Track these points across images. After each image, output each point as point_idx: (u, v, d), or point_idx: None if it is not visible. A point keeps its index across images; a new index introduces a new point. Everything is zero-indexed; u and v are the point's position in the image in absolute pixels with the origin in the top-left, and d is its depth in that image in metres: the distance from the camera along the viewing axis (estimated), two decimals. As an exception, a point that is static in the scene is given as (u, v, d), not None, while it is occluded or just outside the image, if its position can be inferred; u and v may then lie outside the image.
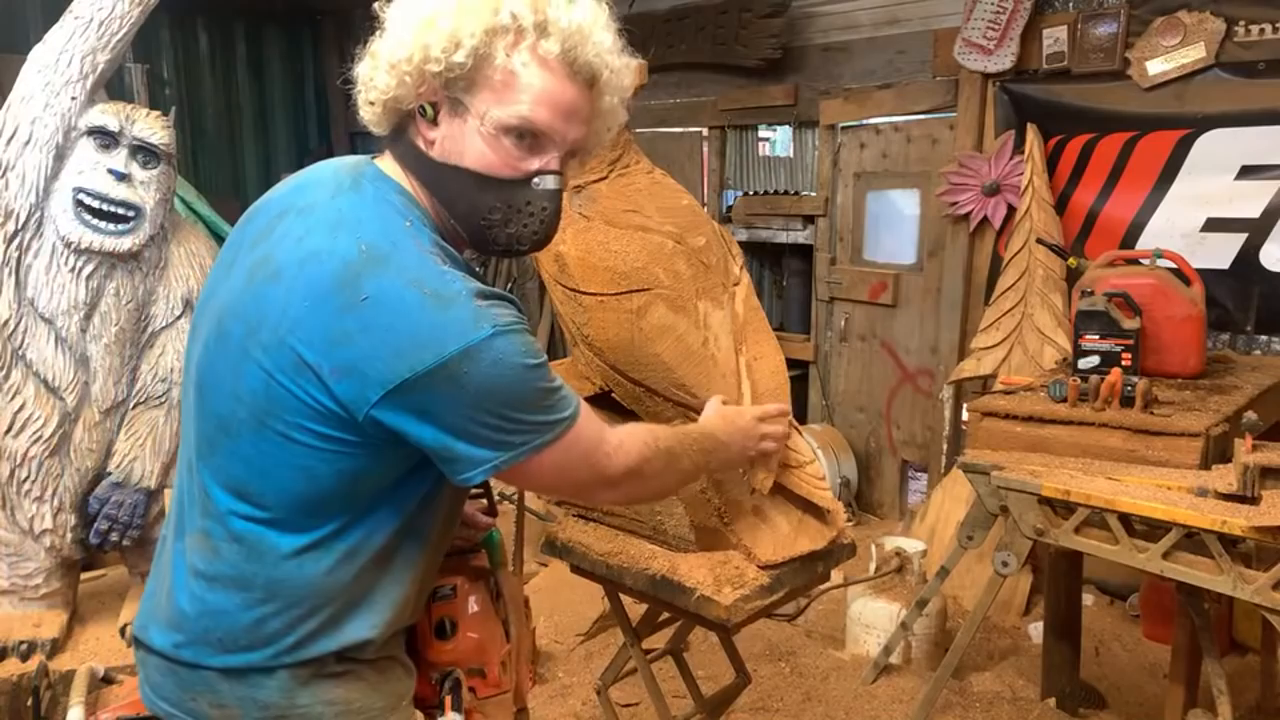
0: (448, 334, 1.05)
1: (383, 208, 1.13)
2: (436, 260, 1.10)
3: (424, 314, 1.05)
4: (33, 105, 2.35)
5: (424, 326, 1.05)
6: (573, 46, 1.14)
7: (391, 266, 1.06)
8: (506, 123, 1.12)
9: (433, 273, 1.08)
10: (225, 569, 1.16)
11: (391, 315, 1.05)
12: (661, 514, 1.84)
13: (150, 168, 2.45)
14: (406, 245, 1.09)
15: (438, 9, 1.11)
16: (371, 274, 1.05)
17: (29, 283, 2.41)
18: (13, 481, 2.48)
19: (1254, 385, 2.81)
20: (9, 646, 2.50)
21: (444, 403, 1.07)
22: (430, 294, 1.06)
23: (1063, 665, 2.99)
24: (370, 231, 1.09)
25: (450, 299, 1.06)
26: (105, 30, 2.37)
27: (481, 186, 1.15)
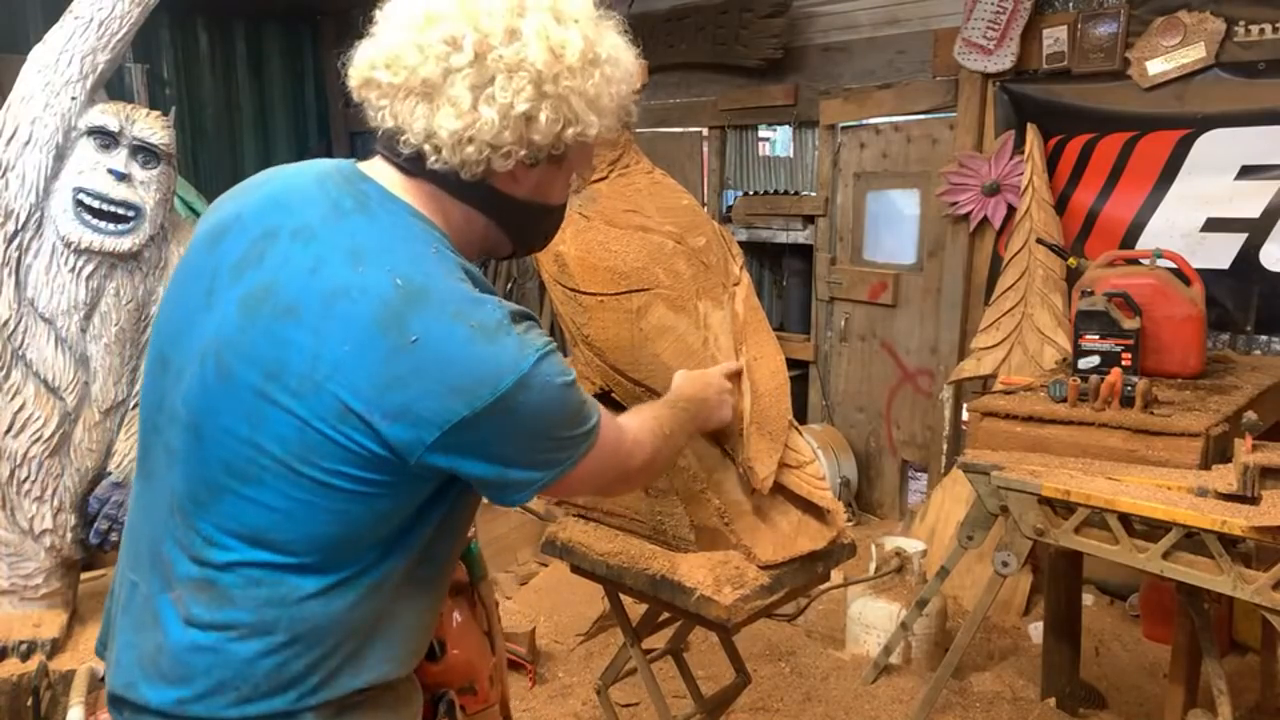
0: (501, 367, 1.03)
1: (404, 232, 1.08)
2: (469, 287, 1.06)
3: (475, 348, 1.02)
4: (33, 105, 2.36)
5: (477, 362, 1.02)
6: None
7: (433, 302, 1.02)
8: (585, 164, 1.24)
9: (470, 302, 1.05)
10: (242, 616, 1.09)
11: (443, 354, 1.01)
12: (661, 514, 1.84)
13: (150, 168, 2.45)
14: (439, 275, 1.05)
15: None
16: (415, 312, 1.01)
17: (29, 283, 2.41)
18: (13, 481, 2.48)
19: (1254, 385, 2.81)
20: (9, 646, 2.50)
21: (500, 434, 1.05)
22: (476, 327, 1.03)
23: (1063, 665, 2.99)
24: (399, 262, 1.04)
25: (494, 329, 1.04)
26: (105, 30, 2.37)
27: (552, 214, 1.23)
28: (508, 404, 1.03)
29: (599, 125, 1.11)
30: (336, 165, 1.16)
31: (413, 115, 1.05)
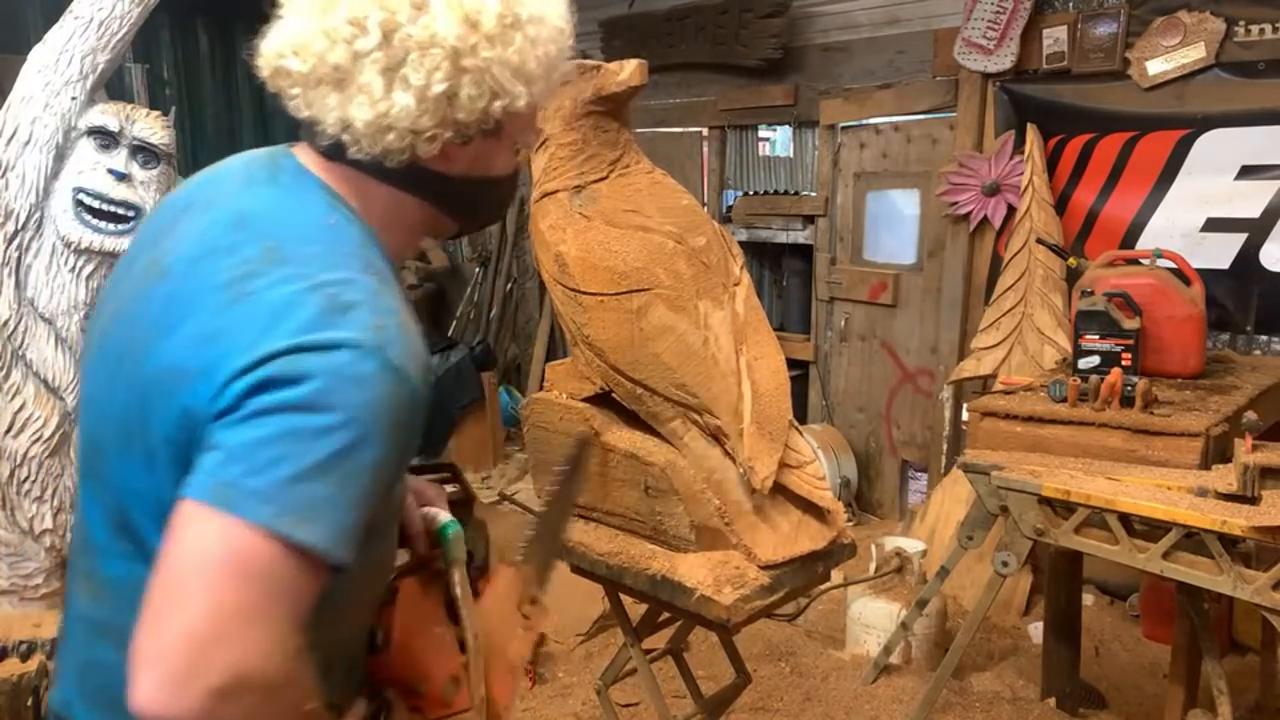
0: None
1: (301, 203, 0.99)
2: (357, 273, 0.94)
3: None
4: (33, 105, 2.36)
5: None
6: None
7: (292, 265, 0.91)
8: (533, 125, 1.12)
9: (337, 281, 0.93)
10: (110, 617, 0.95)
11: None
12: (661, 514, 1.84)
13: (150, 168, 2.45)
14: (321, 246, 0.95)
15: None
16: (267, 272, 0.91)
17: (29, 283, 2.41)
18: (13, 481, 2.48)
19: (1254, 385, 2.81)
20: (9, 646, 2.50)
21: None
22: (329, 299, 0.91)
23: (1063, 665, 2.99)
24: (282, 229, 0.95)
25: (344, 309, 0.91)
26: (105, 30, 2.37)
27: (500, 185, 1.11)
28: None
29: (528, 94, 1.00)
30: (271, 148, 1.09)
31: (326, 105, 0.96)
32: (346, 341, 0.85)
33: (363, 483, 0.85)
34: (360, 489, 0.85)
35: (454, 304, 6.67)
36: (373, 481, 0.86)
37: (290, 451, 0.82)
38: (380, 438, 0.85)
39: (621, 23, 5.45)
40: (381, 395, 0.85)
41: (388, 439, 0.86)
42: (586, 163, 1.94)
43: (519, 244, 6.30)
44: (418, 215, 1.05)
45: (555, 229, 1.91)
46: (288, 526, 0.80)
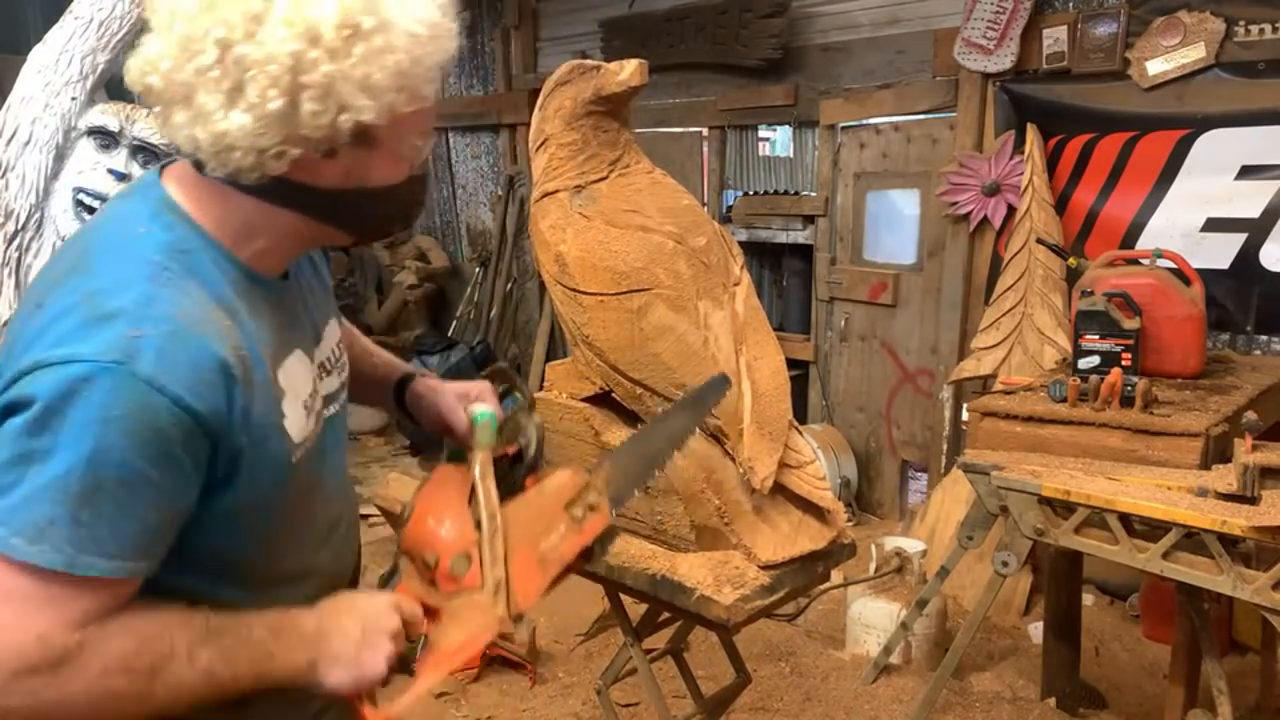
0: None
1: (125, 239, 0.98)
2: (155, 289, 0.93)
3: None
4: (33, 105, 2.36)
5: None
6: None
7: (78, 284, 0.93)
8: (425, 131, 1.05)
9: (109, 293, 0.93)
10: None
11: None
12: (661, 514, 1.84)
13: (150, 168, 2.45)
14: (128, 278, 0.93)
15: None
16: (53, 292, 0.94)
17: (29, 283, 2.41)
18: (13, 481, 2.48)
19: (1254, 385, 2.81)
20: (9, 646, 2.50)
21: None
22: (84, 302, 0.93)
23: (1063, 665, 2.99)
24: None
25: (102, 316, 0.90)
26: (105, 30, 2.37)
27: (384, 197, 1.04)
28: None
29: (376, 107, 0.94)
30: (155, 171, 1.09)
31: (176, 124, 0.94)
32: (81, 356, 0.86)
33: (106, 499, 0.86)
34: (105, 505, 0.86)
35: (454, 304, 6.68)
36: (125, 497, 0.87)
37: (20, 476, 0.85)
38: (118, 456, 0.85)
39: (621, 23, 5.45)
40: (113, 412, 0.85)
41: (130, 457, 0.86)
42: (586, 163, 1.94)
43: (519, 244, 6.30)
44: (294, 226, 1.02)
45: (555, 229, 1.91)
46: (15, 549, 0.84)
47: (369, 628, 1.04)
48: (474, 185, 6.75)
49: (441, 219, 6.99)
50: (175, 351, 0.89)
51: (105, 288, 0.91)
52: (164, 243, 0.96)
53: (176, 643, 0.92)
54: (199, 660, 0.93)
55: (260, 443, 0.98)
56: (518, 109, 6.03)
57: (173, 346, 0.89)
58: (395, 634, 1.06)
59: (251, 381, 0.96)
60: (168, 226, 0.98)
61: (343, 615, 1.04)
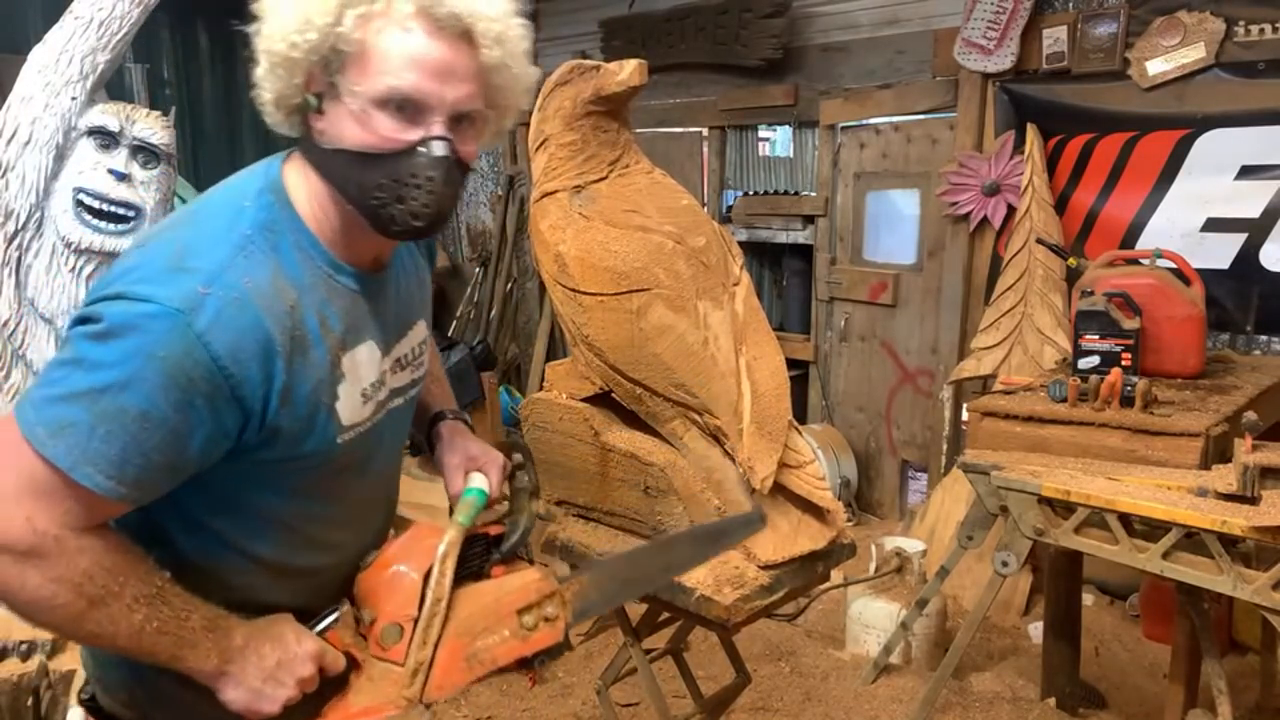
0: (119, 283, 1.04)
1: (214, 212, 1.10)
2: (229, 257, 1.03)
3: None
4: (33, 105, 2.36)
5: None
6: (432, 1, 1.04)
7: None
8: (374, 95, 1.04)
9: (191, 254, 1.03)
10: None
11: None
12: (661, 514, 1.84)
13: (150, 168, 2.45)
14: (206, 242, 1.04)
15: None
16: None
17: (29, 283, 2.41)
18: (13, 481, 2.48)
19: (1254, 385, 2.81)
20: (9, 646, 2.50)
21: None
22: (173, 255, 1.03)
23: (1063, 665, 2.99)
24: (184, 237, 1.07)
25: (172, 269, 1.01)
26: (105, 30, 2.37)
27: (365, 165, 1.07)
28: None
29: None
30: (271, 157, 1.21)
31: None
32: (153, 297, 0.96)
33: (123, 424, 0.94)
34: (120, 429, 0.94)
35: (454, 304, 6.67)
36: (138, 428, 0.95)
37: (66, 376, 0.96)
38: (147, 389, 0.94)
39: (621, 23, 5.45)
40: (159, 352, 0.94)
41: (157, 395, 0.94)
42: (586, 163, 1.94)
43: (519, 244, 6.30)
44: (331, 196, 1.11)
45: (555, 229, 1.91)
46: (36, 437, 0.94)
47: (284, 664, 1.07)
48: (474, 185, 6.74)
49: (441, 219, 6.99)
50: (231, 317, 0.99)
51: (195, 245, 1.03)
52: (258, 220, 1.07)
53: (127, 587, 0.99)
54: (136, 613, 0.99)
55: (305, 418, 1.07)
56: (518, 109, 6.02)
57: (231, 312, 0.99)
58: (304, 681, 1.08)
59: (303, 360, 1.05)
60: (266, 206, 1.09)
61: (267, 642, 1.07)
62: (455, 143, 1.08)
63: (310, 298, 1.07)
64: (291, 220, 1.10)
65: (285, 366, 1.03)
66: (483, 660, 1.15)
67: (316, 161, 1.11)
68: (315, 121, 1.10)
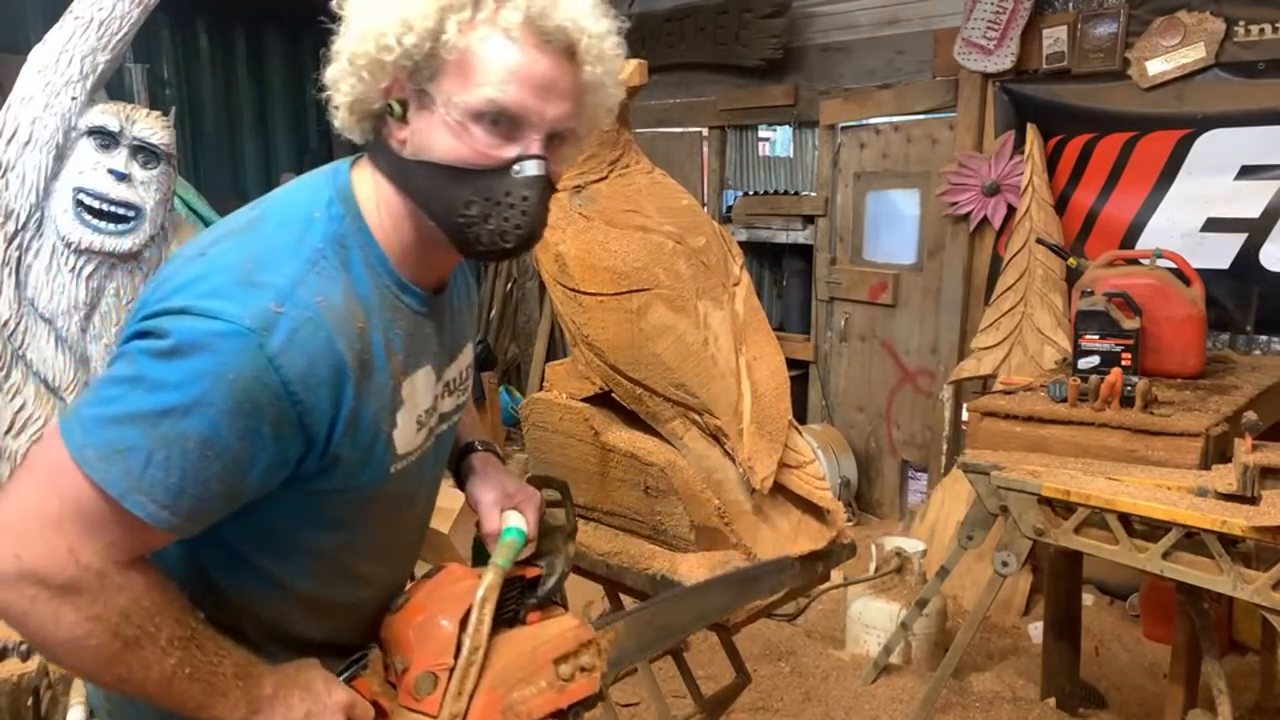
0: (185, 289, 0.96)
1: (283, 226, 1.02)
2: (301, 271, 0.96)
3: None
4: (33, 105, 2.36)
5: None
6: (539, 12, 0.98)
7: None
8: (473, 107, 0.98)
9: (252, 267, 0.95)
10: None
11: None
12: (661, 514, 1.84)
13: (150, 168, 2.45)
14: (269, 249, 0.98)
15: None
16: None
17: (29, 283, 2.41)
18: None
19: (1254, 385, 2.81)
20: (9, 646, 2.50)
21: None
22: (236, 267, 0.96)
23: (1063, 665, 2.99)
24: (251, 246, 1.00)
25: (243, 282, 0.94)
26: (105, 30, 2.37)
27: (455, 180, 1.00)
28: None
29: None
30: (338, 162, 1.15)
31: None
32: (223, 314, 0.89)
33: (184, 451, 0.87)
34: (180, 455, 0.87)
35: (454, 304, 6.67)
36: (199, 456, 0.88)
37: (124, 394, 0.88)
38: (213, 415, 0.87)
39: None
40: (228, 374, 0.88)
41: (222, 421, 0.88)
42: (586, 163, 1.94)
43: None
44: (405, 210, 1.05)
45: (555, 229, 1.91)
46: (86, 460, 0.86)
47: (313, 715, 1.01)
48: (474, 185, 6.75)
49: (441, 219, 7.00)
50: (304, 339, 0.92)
51: (265, 258, 0.95)
52: (329, 233, 1.00)
53: (163, 629, 0.92)
54: (170, 657, 0.92)
55: (365, 446, 1.00)
56: (518, 109, 6.03)
57: (304, 333, 0.92)
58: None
59: (368, 385, 0.99)
60: (337, 218, 1.02)
61: (296, 691, 1.01)
62: (549, 162, 1.03)
63: (377, 319, 1.01)
64: (362, 235, 1.03)
65: (354, 393, 0.97)
66: (519, 713, 1.08)
67: (393, 173, 1.04)
68: (397, 130, 1.03)
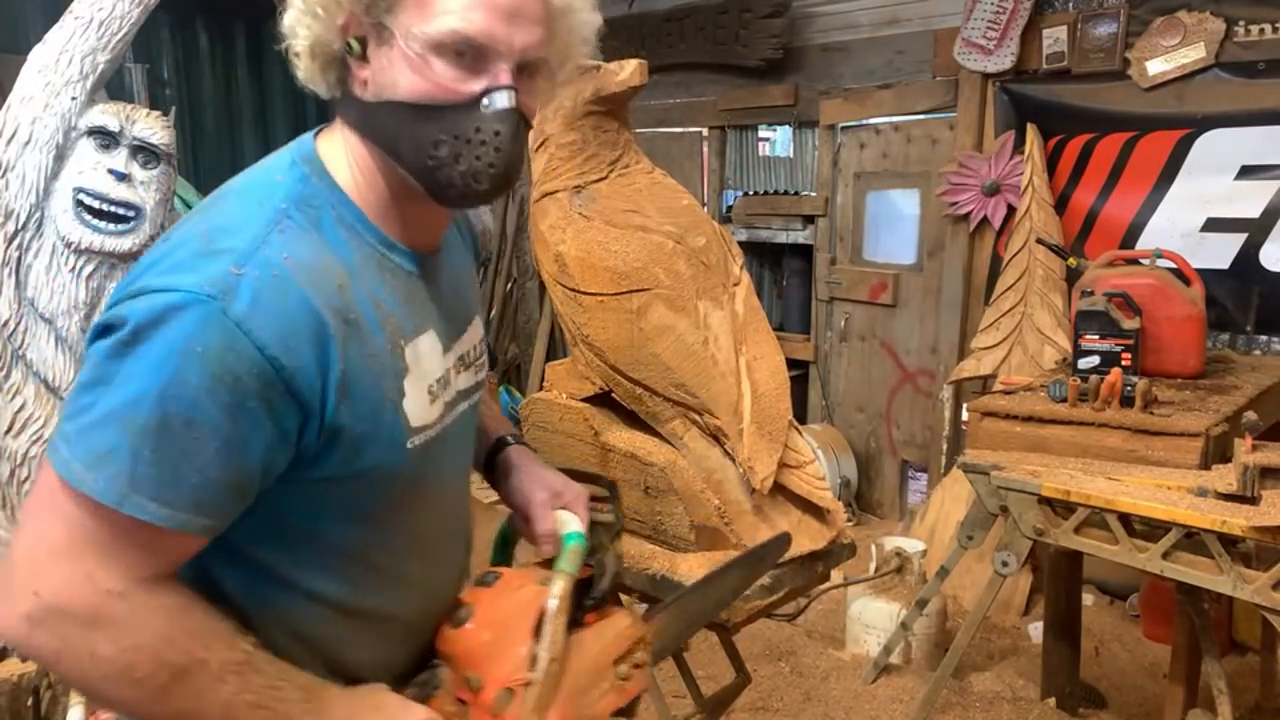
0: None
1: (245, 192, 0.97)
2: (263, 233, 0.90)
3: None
4: (33, 105, 2.36)
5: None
6: None
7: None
8: (434, 39, 0.91)
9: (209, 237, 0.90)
10: None
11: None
12: (661, 514, 1.84)
13: (150, 168, 2.45)
14: (238, 215, 0.92)
15: None
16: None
17: (29, 283, 2.41)
18: (13, 481, 2.48)
19: (1254, 385, 2.81)
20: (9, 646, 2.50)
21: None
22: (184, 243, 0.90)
23: (1063, 665, 2.99)
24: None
25: (197, 254, 0.88)
26: (105, 30, 2.37)
27: (420, 119, 0.93)
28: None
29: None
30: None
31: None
32: (180, 286, 0.83)
33: (169, 438, 0.81)
34: (166, 444, 0.81)
35: (454, 304, 6.67)
36: (187, 440, 0.81)
37: (94, 399, 0.82)
38: (190, 393, 0.81)
39: (621, 23, 5.45)
40: (195, 347, 0.81)
41: (202, 397, 0.81)
42: (586, 163, 1.94)
43: (519, 244, 6.30)
44: (376, 163, 0.98)
45: (555, 229, 1.91)
46: (73, 474, 0.81)
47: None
48: (474, 185, 6.75)
49: (441, 219, 7.01)
50: (272, 298, 0.85)
51: (224, 225, 0.90)
52: (294, 193, 0.94)
53: (212, 653, 0.85)
54: (225, 684, 0.85)
55: (368, 417, 0.92)
56: (518, 109, 6.03)
57: (271, 292, 0.85)
58: None
59: (359, 347, 0.91)
60: (302, 179, 0.96)
61: (370, 714, 0.94)
62: (520, 94, 0.95)
63: (361, 280, 0.93)
64: (334, 194, 0.96)
65: (340, 353, 0.88)
66: (588, 719, 1.06)
67: (359, 120, 0.98)
68: (358, 71, 0.96)
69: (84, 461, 0.81)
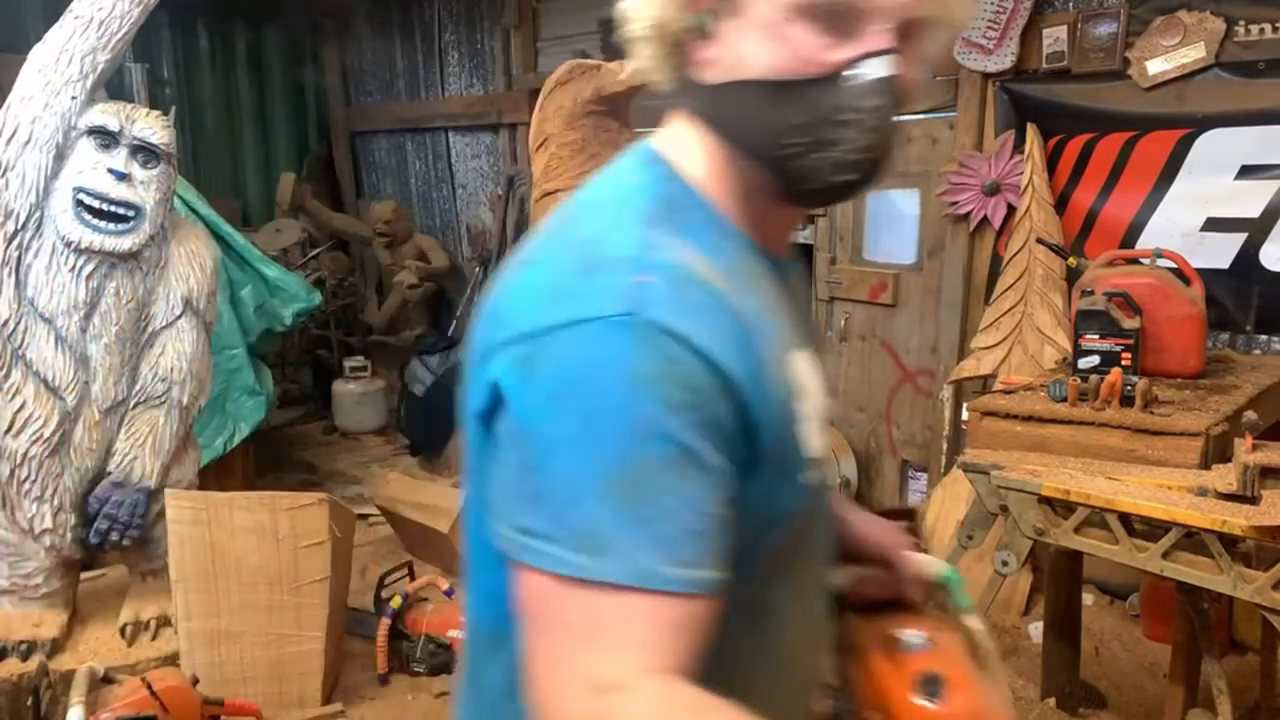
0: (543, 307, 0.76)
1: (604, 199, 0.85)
2: (637, 239, 0.76)
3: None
4: (33, 105, 2.36)
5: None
6: None
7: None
8: (795, 0, 0.75)
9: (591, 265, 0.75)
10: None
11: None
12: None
13: (150, 167, 2.45)
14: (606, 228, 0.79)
15: None
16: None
17: (29, 282, 2.41)
18: (13, 481, 2.48)
19: (1254, 385, 2.81)
20: (9, 646, 2.50)
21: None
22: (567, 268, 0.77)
23: (1063, 665, 2.99)
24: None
25: (585, 271, 0.75)
26: (105, 30, 2.37)
27: (775, 99, 0.77)
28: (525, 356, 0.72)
29: None
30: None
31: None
32: (582, 315, 0.70)
33: (656, 488, 0.67)
34: (655, 494, 0.67)
35: (454, 304, 6.67)
36: (675, 479, 0.68)
37: (544, 479, 0.69)
38: (652, 425, 0.67)
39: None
40: (636, 371, 0.68)
41: (667, 423, 0.67)
42: (587, 162, 1.94)
43: (519, 244, 6.31)
44: (726, 154, 0.83)
45: (555, 229, 1.91)
46: (571, 565, 0.67)
47: None
48: (474, 185, 6.75)
49: (441, 219, 7.00)
50: (691, 299, 0.72)
51: (596, 235, 0.77)
52: (657, 194, 0.81)
53: None
54: None
55: (777, 443, 0.76)
56: (518, 108, 6.03)
57: (687, 294, 0.72)
58: None
59: (767, 352, 0.77)
60: (660, 178, 0.83)
61: None
62: (901, 58, 0.77)
63: (742, 284, 0.78)
64: (693, 194, 0.82)
65: (756, 364, 0.74)
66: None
67: (704, 107, 0.83)
68: (702, 51, 0.81)
69: (582, 551, 0.67)
